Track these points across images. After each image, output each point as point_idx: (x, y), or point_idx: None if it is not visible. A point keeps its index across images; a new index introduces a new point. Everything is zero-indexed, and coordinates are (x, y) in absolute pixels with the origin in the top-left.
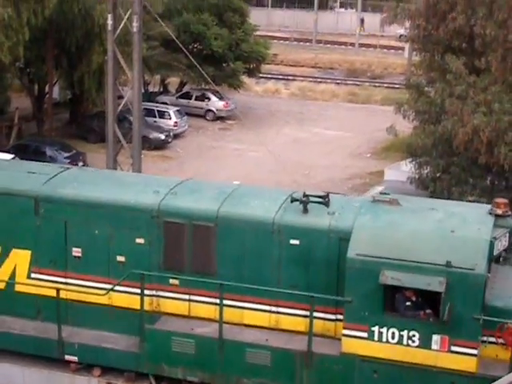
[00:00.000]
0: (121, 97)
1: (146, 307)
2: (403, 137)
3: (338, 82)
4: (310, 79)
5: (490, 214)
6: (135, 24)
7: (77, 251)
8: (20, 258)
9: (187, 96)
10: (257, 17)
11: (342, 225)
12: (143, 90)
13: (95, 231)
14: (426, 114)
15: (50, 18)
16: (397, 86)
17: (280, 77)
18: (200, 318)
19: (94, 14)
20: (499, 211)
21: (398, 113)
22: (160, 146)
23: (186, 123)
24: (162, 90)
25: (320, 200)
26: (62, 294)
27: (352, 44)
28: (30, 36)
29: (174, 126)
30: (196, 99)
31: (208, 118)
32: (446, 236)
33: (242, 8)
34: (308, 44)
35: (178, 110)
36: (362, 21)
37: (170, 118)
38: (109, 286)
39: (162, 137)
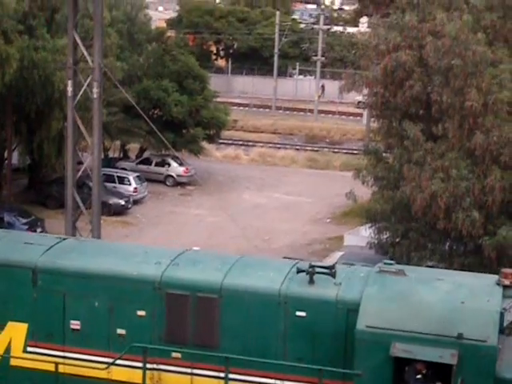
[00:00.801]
0: (80, 162)
1: (147, 381)
2: (362, 202)
3: (297, 147)
4: (270, 145)
5: (498, 284)
6: (95, 90)
7: (75, 324)
8: (16, 331)
9: (147, 162)
10: (217, 83)
11: (349, 296)
12: (103, 156)
13: (95, 303)
14: (384, 180)
15: (10, 83)
16: (355, 151)
17: (240, 143)
18: None
19: (54, 80)
20: (507, 282)
21: (356, 178)
22: (120, 211)
23: (146, 189)
24: (121, 155)
25: (326, 271)
26: (60, 369)
27: (311, 110)
28: None
29: (134, 191)
30: (156, 165)
31: (168, 183)
32: (456, 307)
33: (202, 75)
34: (267, 110)
35: (137, 176)
36: (323, 87)
37: (130, 184)
38: (108, 360)
39: (122, 203)
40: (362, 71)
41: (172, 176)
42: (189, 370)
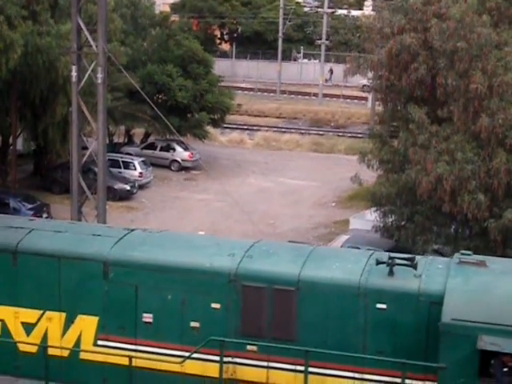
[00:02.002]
0: (85, 148)
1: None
2: (367, 186)
3: (302, 131)
4: (275, 129)
5: None
6: (100, 75)
7: (147, 317)
8: (86, 324)
9: (152, 147)
10: (221, 68)
11: (432, 288)
12: (108, 141)
13: (168, 296)
14: (389, 164)
15: (14, 69)
16: (360, 135)
17: (245, 127)
18: None
19: (59, 65)
20: None
21: (362, 162)
22: (125, 196)
23: (151, 174)
24: (126, 140)
25: (407, 262)
26: (133, 362)
27: (315, 94)
28: None
29: (139, 176)
30: (161, 150)
31: (173, 168)
32: None
33: (206, 59)
34: (272, 94)
35: (143, 161)
36: (331, 71)
37: (135, 169)
38: (181, 353)
39: (127, 187)
40: (366, 54)
41: (177, 161)
42: (265, 364)
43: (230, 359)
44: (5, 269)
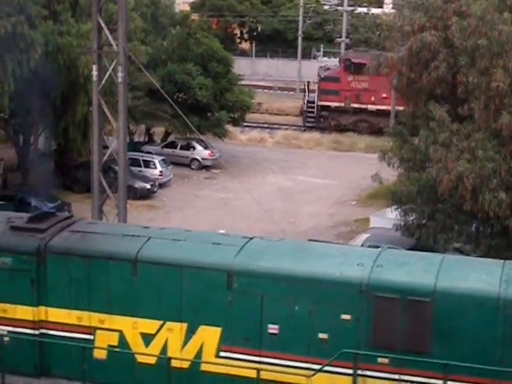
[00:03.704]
0: (106, 147)
1: None
2: (388, 184)
3: (322, 130)
4: (295, 127)
5: None
6: (120, 74)
7: (273, 328)
8: (208, 335)
9: (172, 145)
10: (241, 66)
11: None
12: (128, 140)
13: (294, 307)
14: (410, 162)
15: (35, 68)
16: (380, 133)
17: (265, 125)
18: None
19: (79, 65)
20: None
21: (382, 160)
22: (145, 195)
23: (172, 172)
24: (147, 139)
25: None
26: (254, 374)
27: None
28: (15, 87)
29: (160, 175)
30: (181, 148)
31: (193, 167)
32: None
33: (226, 58)
34: (292, 93)
35: (163, 160)
36: None
37: (156, 168)
38: (307, 365)
39: (148, 186)
40: (386, 52)
41: (197, 159)
42: (396, 376)
43: (359, 372)
44: (124, 278)
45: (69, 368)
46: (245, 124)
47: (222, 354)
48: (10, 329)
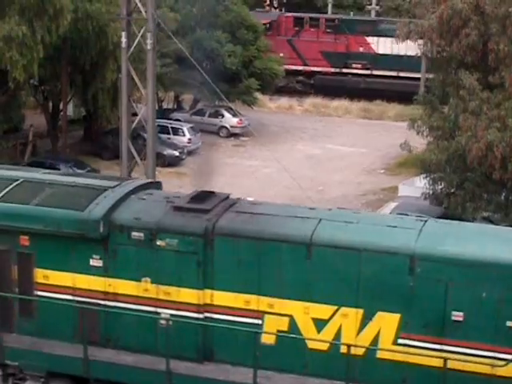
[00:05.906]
0: (135, 114)
1: None
2: (417, 153)
3: (351, 98)
4: (324, 95)
5: None
6: (149, 41)
7: (458, 315)
8: (386, 321)
9: (201, 113)
10: None
11: None
12: (157, 107)
13: (482, 294)
14: (439, 130)
15: (65, 35)
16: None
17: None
18: None
19: (108, 31)
20: None
21: (411, 129)
22: (174, 162)
23: (200, 140)
24: (175, 106)
25: None
26: (435, 363)
27: None
28: (44, 54)
29: (188, 142)
30: (210, 116)
31: (222, 134)
32: None
33: (255, 25)
34: None
35: (191, 127)
36: None
37: (184, 135)
38: (492, 354)
39: (176, 153)
40: (417, 20)
41: (226, 127)
42: None
43: None
44: (297, 261)
45: (234, 353)
46: (274, 91)
47: (401, 341)
48: (173, 312)
